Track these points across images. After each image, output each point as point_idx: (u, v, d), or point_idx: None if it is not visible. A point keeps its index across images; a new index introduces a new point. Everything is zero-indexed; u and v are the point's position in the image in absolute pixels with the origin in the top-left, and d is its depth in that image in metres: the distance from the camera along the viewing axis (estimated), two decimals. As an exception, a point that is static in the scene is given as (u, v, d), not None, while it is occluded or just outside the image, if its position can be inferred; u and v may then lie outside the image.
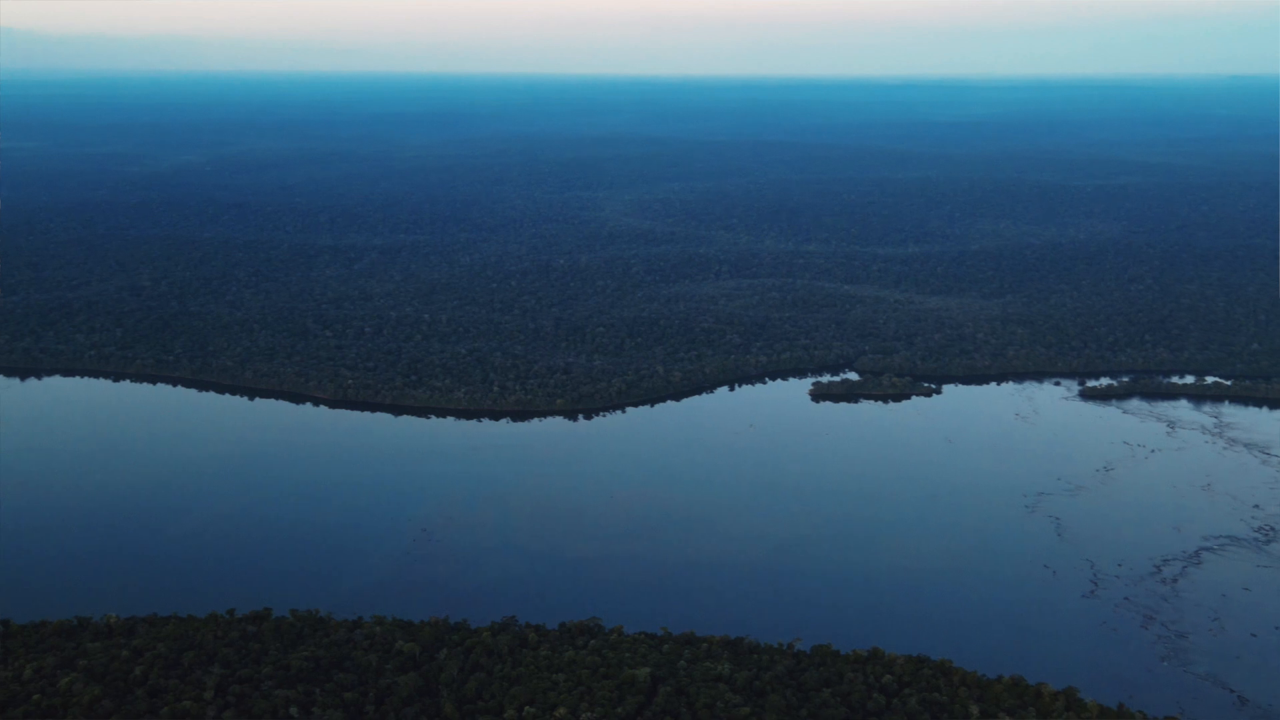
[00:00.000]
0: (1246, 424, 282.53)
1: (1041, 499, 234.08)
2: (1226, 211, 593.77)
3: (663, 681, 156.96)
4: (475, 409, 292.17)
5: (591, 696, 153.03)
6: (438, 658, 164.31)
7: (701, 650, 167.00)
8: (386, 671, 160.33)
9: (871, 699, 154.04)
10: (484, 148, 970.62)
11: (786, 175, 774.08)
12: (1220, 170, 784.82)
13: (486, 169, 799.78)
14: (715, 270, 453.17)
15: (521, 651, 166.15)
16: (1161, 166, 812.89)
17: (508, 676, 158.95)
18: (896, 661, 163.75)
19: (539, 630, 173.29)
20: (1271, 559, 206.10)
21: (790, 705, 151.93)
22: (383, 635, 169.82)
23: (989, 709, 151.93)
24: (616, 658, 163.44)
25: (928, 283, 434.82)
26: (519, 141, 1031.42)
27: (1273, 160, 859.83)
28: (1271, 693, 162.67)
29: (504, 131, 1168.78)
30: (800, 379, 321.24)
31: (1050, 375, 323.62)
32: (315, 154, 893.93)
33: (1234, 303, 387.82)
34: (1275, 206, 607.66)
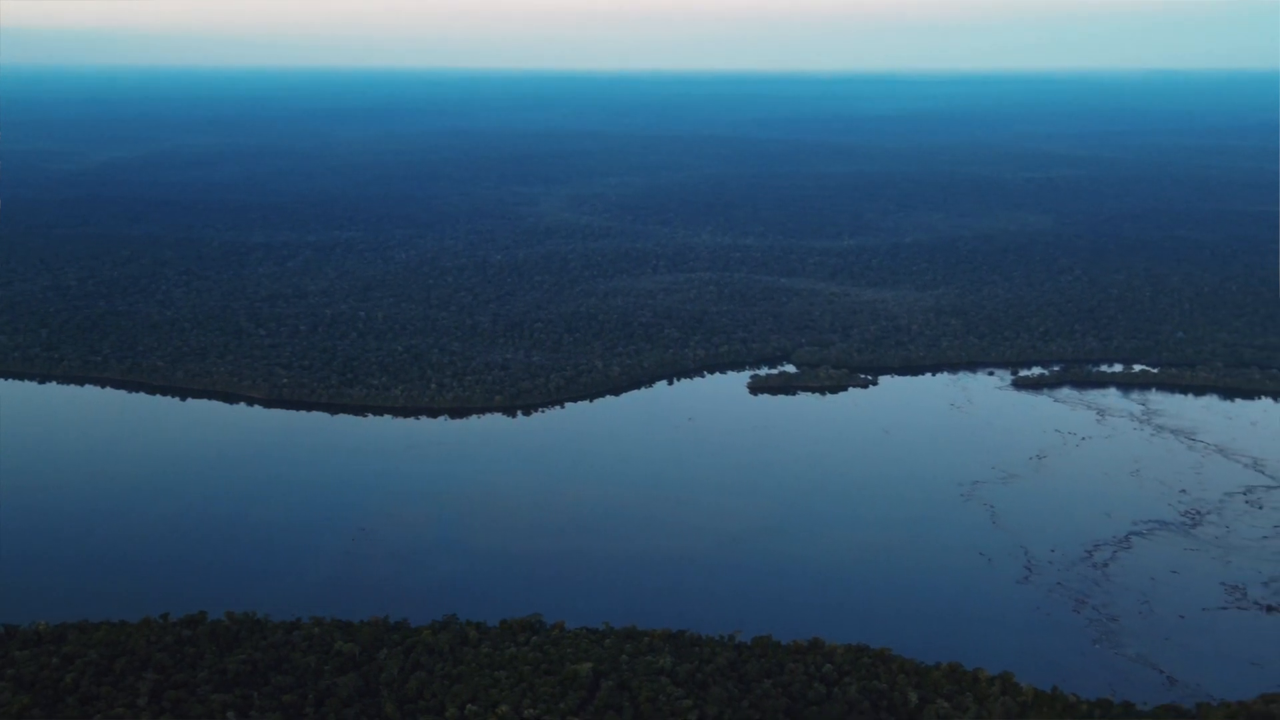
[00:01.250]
0: (1172, 411, 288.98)
1: (977, 487, 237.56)
2: (1152, 204, 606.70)
3: (605, 676, 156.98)
4: (412, 407, 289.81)
5: (534, 693, 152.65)
6: (378, 658, 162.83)
7: (643, 644, 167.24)
8: (326, 673, 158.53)
9: (812, 688, 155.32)
10: (420, 143, 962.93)
11: (723, 169, 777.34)
12: (1146, 163, 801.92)
13: (422, 164, 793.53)
14: (653, 265, 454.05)
15: (462, 649, 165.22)
16: (1090, 160, 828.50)
17: (449, 675, 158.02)
18: (836, 651, 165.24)
19: (480, 628, 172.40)
20: (1198, 542, 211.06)
21: (732, 697, 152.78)
22: (322, 636, 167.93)
23: (927, 695, 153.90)
24: (558, 653, 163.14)
25: (863, 275, 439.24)
26: (455, 137, 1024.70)
27: (1195, 153, 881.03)
28: (1199, 672, 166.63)
29: (440, 127, 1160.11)
30: (738, 372, 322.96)
31: (984, 365, 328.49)
32: (247, 150, 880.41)
33: (1159, 293, 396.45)
34: (1198, 199, 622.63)
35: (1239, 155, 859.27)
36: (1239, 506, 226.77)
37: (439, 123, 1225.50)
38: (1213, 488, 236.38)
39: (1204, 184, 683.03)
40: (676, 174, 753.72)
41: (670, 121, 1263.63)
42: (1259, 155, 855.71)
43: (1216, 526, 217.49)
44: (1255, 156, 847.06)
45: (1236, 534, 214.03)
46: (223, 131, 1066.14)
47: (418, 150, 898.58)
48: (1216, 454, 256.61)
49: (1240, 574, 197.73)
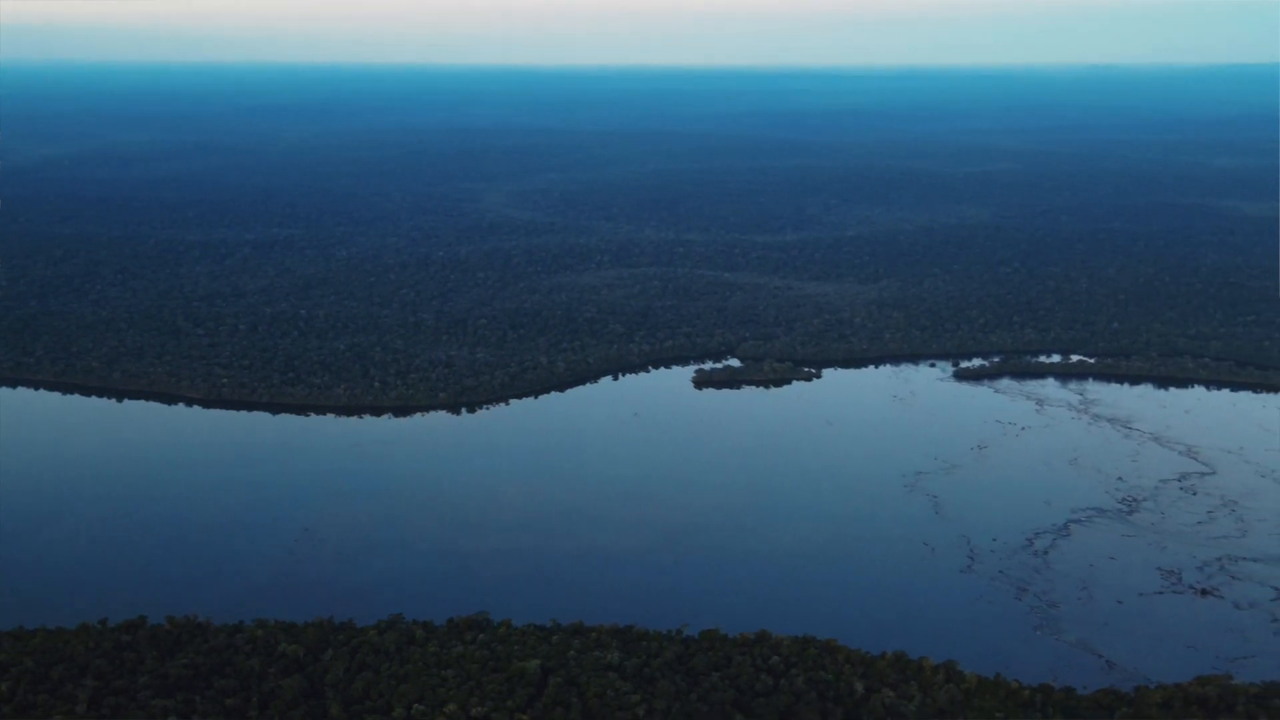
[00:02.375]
0: (1109, 400, 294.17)
1: (920, 478, 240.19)
2: (1088, 198, 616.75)
3: (552, 673, 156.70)
4: (355, 405, 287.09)
5: (481, 691, 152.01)
6: (323, 659, 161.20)
7: (591, 640, 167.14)
8: (270, 675, 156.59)
9: (759, 680, 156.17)
10: (360, 139, 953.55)
11: (666, 165, 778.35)
12: (1082, 157, 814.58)
13: (362, 161, 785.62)
14: (597, 260, 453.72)
15: (409, 649, 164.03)
16: (1028, 154, 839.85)
17: (395, 675, 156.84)
18: (783, 643, 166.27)
19: (426, 627, 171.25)
20: (1135, 529, 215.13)
21: (680, 691, 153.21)
22: (265, 639, 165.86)
23: (873, 685, 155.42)
24: (505, 651, 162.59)
25: (806, 269, 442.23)
26: (396, 133, 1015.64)
27: (1130, 147, 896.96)
28: (1136, 656, 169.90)
29: (382, 123, 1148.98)
30: (683, 367, 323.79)
31: (925, 357, 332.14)
32: (184, 147, 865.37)
33: (1095, 284, 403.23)
34: (1133, 193, 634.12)
35: (1174, 149, 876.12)
36: (1173, 493, 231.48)
37: (381, 119, 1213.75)
38: (1148, 475, 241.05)
39: (1139, 178, 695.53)
40: (620, 169, 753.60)
41: (613, 117, 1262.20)
42: (1193, 149, 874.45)
43: (1152, 513, 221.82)
44: (1189, 150, 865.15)
45: (1171, 520, 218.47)
46: (160, 128, 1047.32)
47: (359, 146, 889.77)
48: (1152, 442, 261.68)
49: (1175, 559, 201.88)
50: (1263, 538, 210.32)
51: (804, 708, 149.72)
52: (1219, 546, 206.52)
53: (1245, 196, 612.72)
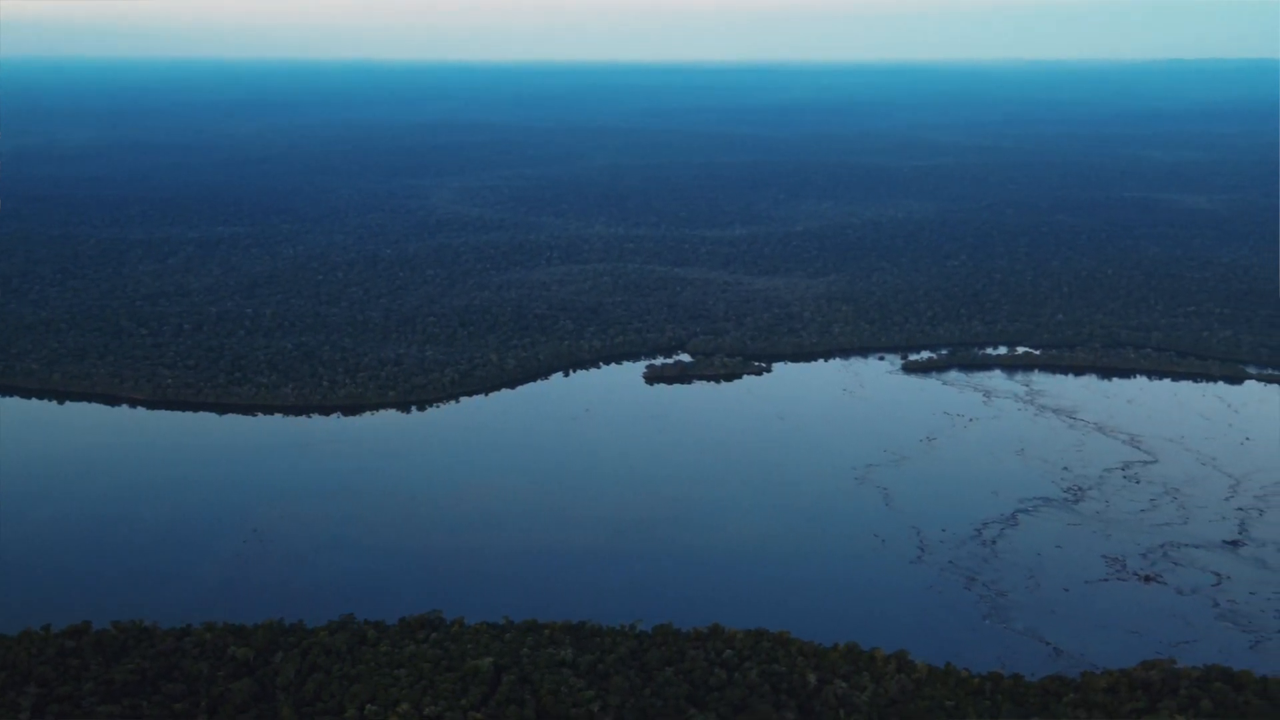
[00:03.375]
0: (1054, 391, 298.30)
1: (870, 470, 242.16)
2: (1032, 191, 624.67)
3: (506, 671, 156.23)
4: (304, 405, 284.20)
5: (434, 690, 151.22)
6: (273, 661, 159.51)
7: (544, 637, 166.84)
8: (219, 679, 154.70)
9: (713, 674, 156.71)
10: (305, 136, 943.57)
11: (615, 160, 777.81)
12: (1026, 151, 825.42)
13: (308, 158, 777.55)
14: (546, 256, 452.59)
15: (361, 649, 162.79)
16: (974, 148, 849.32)
17: (347, 675, 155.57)
18: (736, 636, 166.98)
19: (378, 626, 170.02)
20: (1080, 517, 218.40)
21: (634, 686, 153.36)
22: (213, 642, 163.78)
23: (826, 676, 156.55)
24: (459, 649, 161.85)
25: (755, 264, 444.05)
26: (343, 129, 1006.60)
27: (1072, 140, 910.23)
28: (1083, 642, 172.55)
29: (326, 119, 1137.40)
30: (634, 362, 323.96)
31: (874, 350, 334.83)
32: (126, 143, 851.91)
33: (1040, 277, 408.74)
34: (1076, 186, 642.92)
35: (1114, 143, 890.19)
36: (1117, 481, 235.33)
37: (326, 115, 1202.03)
38: (1093, 464, 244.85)
39: (1081, 171, 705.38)
40: (569, 165, 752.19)
41: (562, 113, 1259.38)
42: (1133, 143, 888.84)
43: (1097, 501, 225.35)
44: (1130, 144, 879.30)
45: (1116, 508, 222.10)
46: (100, 124, 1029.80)
47: (305, 143, 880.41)
48: (1096, 432, 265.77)
49: (1120, 546, 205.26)
50: (1204, 525, 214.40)
51: (757, 700, 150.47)
52: (1162, 534, 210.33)
53: (1185, 190, 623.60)
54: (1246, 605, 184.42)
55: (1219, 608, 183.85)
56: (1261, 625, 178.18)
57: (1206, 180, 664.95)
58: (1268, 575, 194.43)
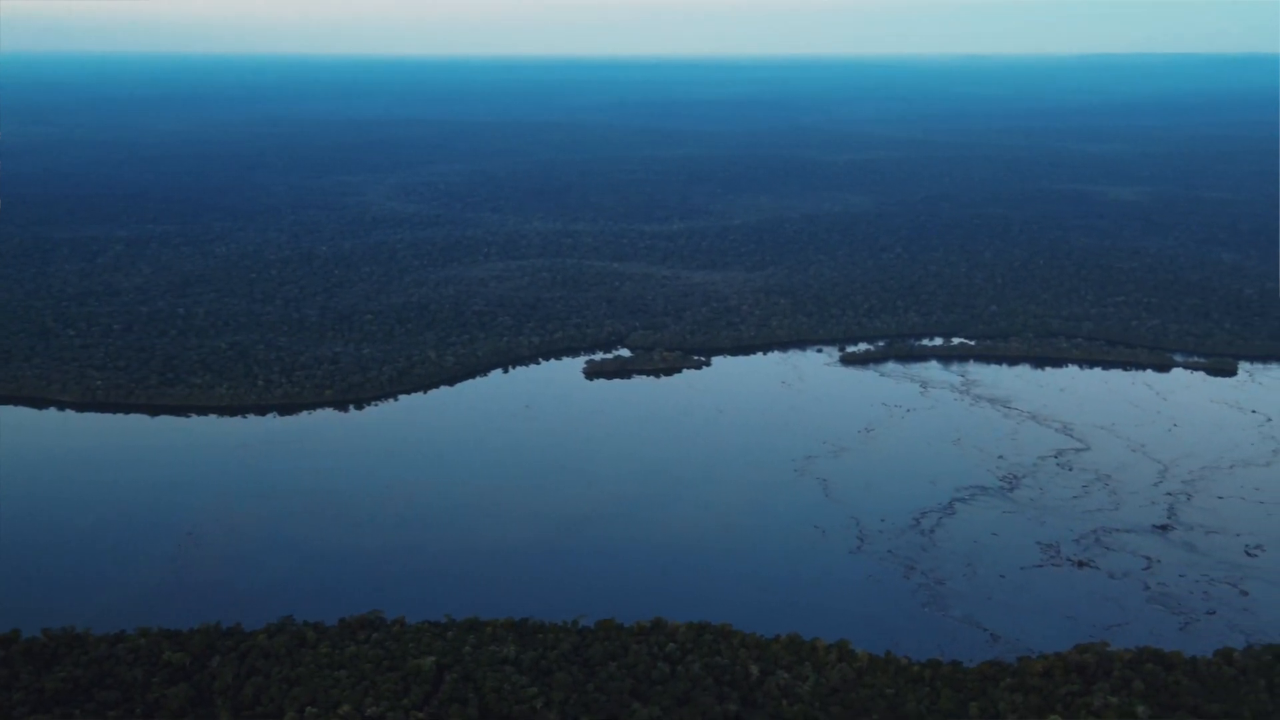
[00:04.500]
0: (989, 381, 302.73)
1: (809, 462, 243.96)
2: (965, 184, 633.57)
3: (448, 669, 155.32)
4: (239, 405, 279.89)
5: (376, 691, 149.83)
6: (210, 666, 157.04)
7: (486, 634, 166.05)
8: (154, 685, 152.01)
9: (656, 668, 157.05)
10: (235, 132, 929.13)
11: (551, 155, 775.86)
12: (956, 144, 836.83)
13: (239, 154, 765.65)
14: (484, 252, 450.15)
15: (300, 651, 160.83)
16: (907, 141, 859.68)
17: (287, 678, 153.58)
18: (679, 630, 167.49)
19: (318, 628, 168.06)
20: (1015, 505, 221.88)
21: (577, 682, 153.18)
22: (148, 647, 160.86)
23: (768, 667, 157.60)
24: (400, 649, 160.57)
25: (693, 258, 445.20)
26: (274, 125, 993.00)
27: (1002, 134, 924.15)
28: (1019, 628, 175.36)
29: (258, 114, 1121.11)
30: (573, 358, 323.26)
31: (812, 343, 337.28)
32: (48, 141, 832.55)
33: (974, 268, 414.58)
34: (1007, 179, 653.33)
35: (1043, 136, 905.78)
36: (1051, 469, 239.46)
37: (257, 110, 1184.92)
38: (1027, 452, 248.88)
39: (1012, 164, 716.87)
40: (505, 160, 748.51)
41: (497, 108, 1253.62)
42: (1061, 136, 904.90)
43: (1031, 489, 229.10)
44: (1058, 137, 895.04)
45: (1050, 495, 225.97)
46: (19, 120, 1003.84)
47: (233, 140, 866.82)
48: (1030, 420, 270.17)
49: (1054, 533, 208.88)
50: (1134, 510, 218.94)
51: (701, 693, 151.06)
52: (1094, 519, 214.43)
53: (1111, 182, 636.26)
54: (1176, 588, 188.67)
55: (1150, 591, 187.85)
56: (1190, 607, 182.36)
57: (1131, 172, 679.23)
58: (1196, 558, 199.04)
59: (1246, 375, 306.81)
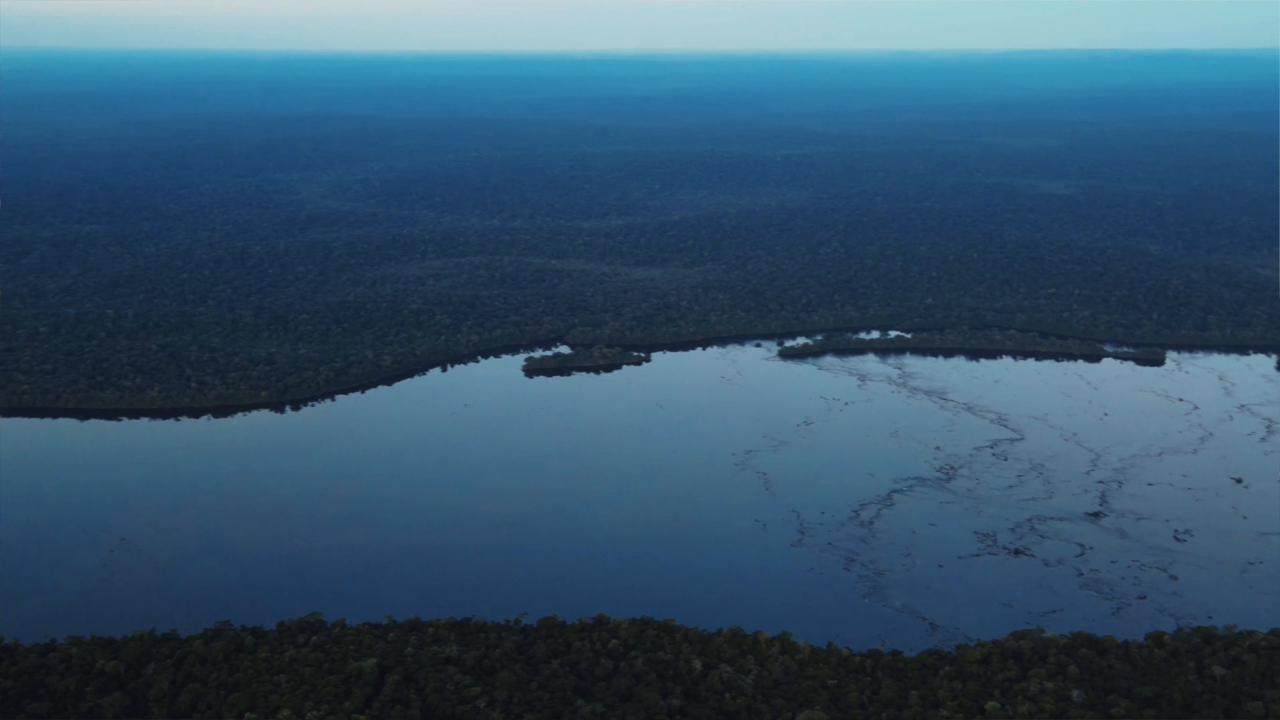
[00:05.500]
0: (925, 373, 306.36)
1: (750, 456, 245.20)
2: (899, 178, 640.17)
3: (390, 670, 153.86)
4: (172, 407, 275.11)
5: (316, 694, 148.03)
6: (145, 673, 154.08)
7: (428, 634, 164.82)
8: (88, 695, 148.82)
9: (599, 664, 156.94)
10: (163, 130, 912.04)
11: (488, 152, 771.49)
12: (890, 139, 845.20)
13: (168, 152, 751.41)
14: (421, 250, 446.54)
15: (238, 656, 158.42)
16: (842, 137, 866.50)
17: (224, 684, 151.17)
18: (622, 626, 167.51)
19: (256, 632, 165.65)
20: (953, 495, 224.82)
21: (520, 680, 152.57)
22: (80, 656, 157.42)
23: (711, 661, 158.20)
24: (340, 652, 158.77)
25: (632, 254, 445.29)
26: (203, 123, 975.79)
27: (934, 128, 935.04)
28: (957, 616, 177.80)
29: (185, 112, 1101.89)
30: (513, 355, 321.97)
31: (751, 338, 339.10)
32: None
33: (910, 262, 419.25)
34: (940, 173, 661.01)
35: (976, 130, 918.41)
36: (987, 459, 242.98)
37: (186, 107, 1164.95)
38: (963, 443, 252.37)
39: (944, 158, 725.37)
40: (442, 158, 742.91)
41: (433, 104, 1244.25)
42: (991, 130, 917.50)
43: (968, 479, 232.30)
44: (988, 132, 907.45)
45: (986, 485, 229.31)
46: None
47: (161, 137, 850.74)
48: (966, 411, 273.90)
49: (990, 522, 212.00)
50: (1067, 498, 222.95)
51: (644, 688, 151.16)
52: (1029, 508, 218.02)
53: (1042, 176, 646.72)
54: (1108, 574, 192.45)
55: (1083, 577, 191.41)
56: (1122, 592, 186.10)
57: (1060, 166, 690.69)
58: (1127, 544, 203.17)
59: (1174, 364, 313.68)
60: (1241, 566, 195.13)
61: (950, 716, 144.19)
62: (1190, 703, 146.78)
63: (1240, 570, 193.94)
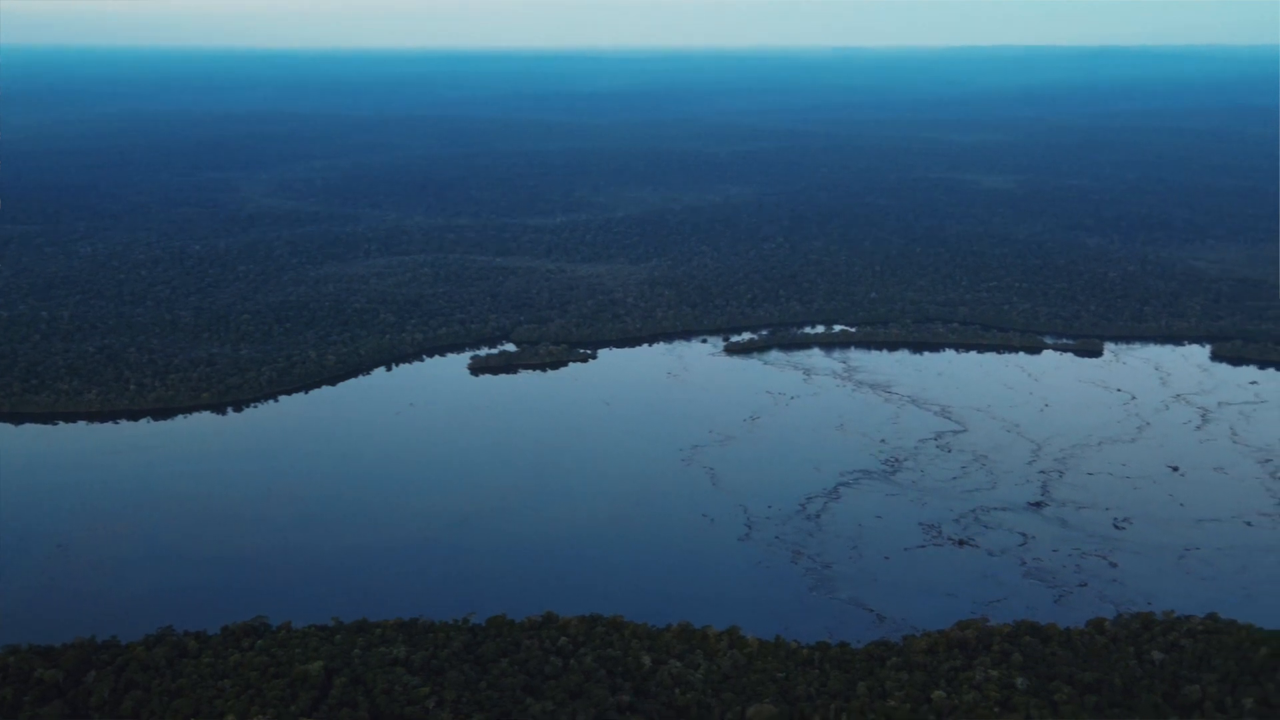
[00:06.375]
0: (870, 367, 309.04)
1: (697, 451, 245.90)
2: (842, 174, 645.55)
3: (337, 673, 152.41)
4: (110, 410, 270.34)
5: (262, 698, 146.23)
6: (85, 681, 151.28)
7: (375, 636, 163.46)
8: (25, 704, 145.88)
9: (549, 662, 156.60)
10: (98, 127, 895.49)
11: (433, 150, 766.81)
12: (833, 135, 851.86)
13: (103, 151, 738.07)
14: (364, 249, 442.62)
15: (181, 662, 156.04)
16: (786, 133, 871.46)
17: (167, 690, 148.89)
18: (570, 623, 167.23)
19: (199, 637, 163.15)
20: (898, 487, 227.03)
21: (469, 680, 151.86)
22: (17, 666, 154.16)
23: (660, 657, 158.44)
24: (286, 655, 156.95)
25: (578, 251, 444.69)
26: (140, 120, 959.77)
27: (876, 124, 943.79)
28: (904, 607, 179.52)
29: (122, 110, 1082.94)
30: (458, 354, 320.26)
31: (697, 333, 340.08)
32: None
33: (853, 256, 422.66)
34: (883, 168, 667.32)
35: (918, 126, 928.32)
36: (931, 451, 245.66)
37: (120, 105, 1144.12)
38: (908, 436, 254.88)
39: (888, 154, 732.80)
40: (385, 155, 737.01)
41: (376, 101, 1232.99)
42: (934, 126, 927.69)
43: (913, 471, 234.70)
44: (930, 128, 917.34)
45: (930, 477, 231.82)
46: None
47: (97, 135, 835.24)
48: (910, 404, 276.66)
49: (935, 513, 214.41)
50: (1010, 488, 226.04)
51: (594, 686, 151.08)
52: (972, 499, 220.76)
53: (984, 170, 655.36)
54: (1050, 562, 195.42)
55: (1026, 566, 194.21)
56: (1064, 581, 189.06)
57: (1001, 161, 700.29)
58: (1068, 533, 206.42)
59: (1112, 355, 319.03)
60: (1179, 553, 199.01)
61: (897, 706, 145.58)
62: (1130, 687, 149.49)
63: (1177, 557, 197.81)
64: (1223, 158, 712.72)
